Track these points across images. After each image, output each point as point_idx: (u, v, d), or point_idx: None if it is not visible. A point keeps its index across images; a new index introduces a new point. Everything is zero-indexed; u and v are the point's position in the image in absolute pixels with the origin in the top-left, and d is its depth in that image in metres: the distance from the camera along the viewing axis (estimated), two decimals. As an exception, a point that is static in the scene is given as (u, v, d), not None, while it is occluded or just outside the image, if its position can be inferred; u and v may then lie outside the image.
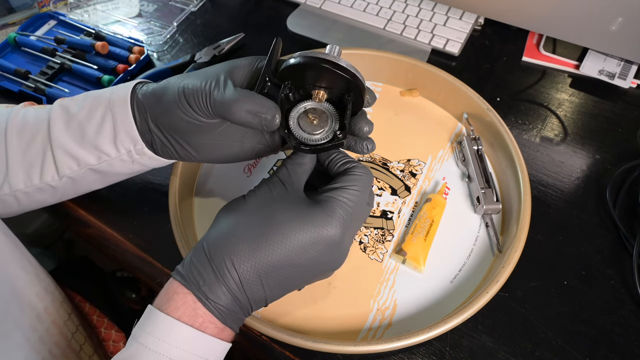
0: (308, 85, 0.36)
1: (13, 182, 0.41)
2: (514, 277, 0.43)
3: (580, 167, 0.55)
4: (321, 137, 0.35)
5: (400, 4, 0.71)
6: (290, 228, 0.33)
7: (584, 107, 0.61)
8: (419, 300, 0.45)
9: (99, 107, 0.40)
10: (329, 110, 0.36)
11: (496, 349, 0.43)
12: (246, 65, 0.38)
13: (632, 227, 0.49)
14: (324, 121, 0.36)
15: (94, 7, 0.73)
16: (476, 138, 0.53)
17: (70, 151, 0.40)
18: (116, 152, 0.40)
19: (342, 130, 0.35)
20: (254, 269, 0.33)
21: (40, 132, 0.40)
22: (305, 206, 0.35)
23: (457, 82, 0.56)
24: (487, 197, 0.49)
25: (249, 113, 0.35)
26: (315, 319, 0.44)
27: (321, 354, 0.42)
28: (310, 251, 0.34)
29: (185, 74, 0.39)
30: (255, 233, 0.34)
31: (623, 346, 0.43)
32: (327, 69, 0.33)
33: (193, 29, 0.72)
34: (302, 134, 0.35)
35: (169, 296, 0.33)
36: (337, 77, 0.34)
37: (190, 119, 0.37)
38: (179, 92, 0.37)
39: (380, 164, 0.54)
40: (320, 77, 0.35)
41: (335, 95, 0.36)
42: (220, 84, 0.36)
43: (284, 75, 0.35)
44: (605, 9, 0.57)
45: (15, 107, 0.43)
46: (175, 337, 0.32)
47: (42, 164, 0.41)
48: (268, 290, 0.34)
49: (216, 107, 0.36)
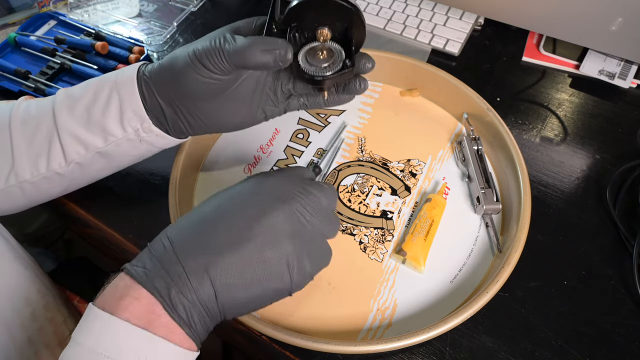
0: (312, 25, 0.37)
1: (19, 173, 0.41)
2: (514, 277, 0.43)
3: (580, 167, 0.55)
4: (330, 68, 0.37)
5: (400, 4, 0.71)
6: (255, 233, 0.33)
7: (584, 107, 0.61)
8: (419, 300, 0.45)
9: (104, 88, 0.40)
10: (334, 45, 0.38)
11: (496, 349, 0.43)
12: (246, 25, 0.40)
13: (632, 227, 0.49)
14: (331, 56, 0.38)
15: (94, 7, 0.73)
16: (476, 138, 0.53)
17: (77, 135, 0.40)
18: (123, 132, 0.41)
19: (350, 59, 0.37)
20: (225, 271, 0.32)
21: (45, 121, 0.41)
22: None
23: (457, 82, 0.56)
24: (487, 197, 0.49)
25: (264, 52, 0.36)
26: (315, 319, 0.44)
27: (321, 354, 0.42)
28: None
29: (187, 44, 0.40)
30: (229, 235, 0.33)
31: (623, 346, 0.43)
32: (327, 3, 0.35)
33: (193, 29, 0.72)
34: (312, 68, 0.37)
35: (121, 294, 0.30)
36: (339, 9, 0.36)
37: (206, 79, 0.38)
38: (190, 56, 0.37)
39: (380, 164, 0.54)
40: (323, 14, 0.36)
41: (338, 31, 0.38)
42: (229, 39, 0.37)
43: (289, 19, 0.37)
44: (605, 9, 0.57)
45: (16, 100, 0.43)
46: (129, 342, 0.29)
47: (49, 151, 0.41)
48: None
49: (231, 57, 0.36)
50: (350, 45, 0.37)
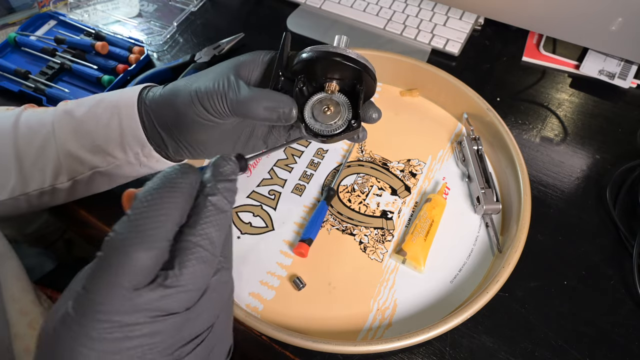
0: (320, 77, 0.37)
1: (25, 186, 0.42)
2: (514, 277, 0.43)
3: (580, 167, 0.55)
4: (336, 127, 0.37)
5: (400, 4, 0.71)
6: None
7: (584, 107, 0.61)
8: (419, 300, 0.45)
9: (106, 111, 0.41)
10: (341, 100, 0.37)
11: (496, 349, 0.43)
12: (250, 62, 0.39)
13: (632, 227, 0.49)
14: (338, 111, 0.37)
15: (94, 7, 0.73)
16: (476, 138, 0.53)
17: (78, 155, 0.41)
18: (123, 155, 0.41)
19: (355, 119, 0.36)
20: None
21: (47, 138, 0.41)
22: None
23: (457, 82, 0.56)
24: (487, 197, 0.49)
25: (267, 109, 0.35)
26: (315, 319, 0.44)
27: (321, 354, 0.42)
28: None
29: (191, 77, 0.39)
30: None
31: (623, 346, 0.43)
32: (338, 62, 0.34)
33: (193, 29, 0.72)
34: (317, 125, 0.37)
35: None
36: (348, 68, 0.35)
37: (205, 120, 0.38)
38: (192, 96, 0.37)
39: (380, 164, 0.54)
40: (331, 70, 0.36)
41: (347, 85, 0.37)
42: (232, 84, 0.36)
43: (297, 69, 0.37)
44: (605, 9, 0.57)
45: (16, 110, 0.44)
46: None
47: (52, 168, 0.42)
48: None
49: (234, 108, 0.36)
50: (357, 100, 0.37)
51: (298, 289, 0.46)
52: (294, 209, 0.51)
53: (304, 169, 0.54)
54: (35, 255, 0.62)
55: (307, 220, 0.50)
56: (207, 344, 0.25)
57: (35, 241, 0.90)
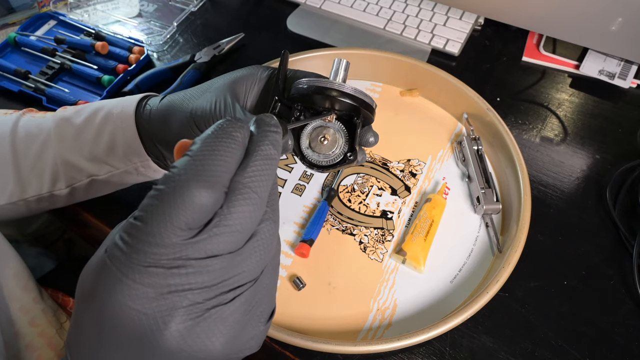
0: (319, 107, 0.37)
1: (23, 192, 0.42)
2: (514, 277, 0.43)
3: (580, 167, 0.55)
4: (333, 157, 0.36)
5: (400, 4, 0.71)
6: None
7: (584, 107, 0.61)
8: (419, 300, 0.45)
9: (104, 122, 0.41)
10: (338, 129, 0.37)
11: (496, 349, 0.43)
12: (249, 77, 0.39)
13: (632, 227, 0.49)
14: (334, 141, 0.37)
15: (94, 7, 0.73)
16: (476, 138, 0.53)
17: (76, 164, 0.41)
18: (121, 164, 0.42)
19: (352, 152, 0.36)
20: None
21: (45, 145, 0.42)
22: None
23: (457, 82, 0.56)
24: (487, 197, 0.49)
25: None
26: (315, 319, 0.44)
27: (321, 354, 0.42)
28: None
29: (187, 92, 0.39)
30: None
31: (623, 346, 0.43)
32: (334, 98, 0.34)
33: (193, 29, 0.72)
34: (312, 155, 0.37)
35: None
36: (345, 104, 0.35)
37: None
38: (187, 117, 0.37)
39: (380, 164, 0.54)
40: (328, 103, 0.36)
41: (344, 115, 0.37)
42: (229, 107, 0.36)
43: (296, 99, 0.37)
44: (605, 9, 0.57)
45: (15, 114, 0.44)
46: None
47: (49, 175, 0.42)
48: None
49: None
50: (354, 132, 0.36)
51: (298, 289, 0.46)
52: (294, 209, 0.51)
53: (304, 169, 0.54)
54: (35, 255, 0.62)
55: (308, 220, 0.50)
56: (249, 297, 0.24)
57: (35, 241, 0.90)
